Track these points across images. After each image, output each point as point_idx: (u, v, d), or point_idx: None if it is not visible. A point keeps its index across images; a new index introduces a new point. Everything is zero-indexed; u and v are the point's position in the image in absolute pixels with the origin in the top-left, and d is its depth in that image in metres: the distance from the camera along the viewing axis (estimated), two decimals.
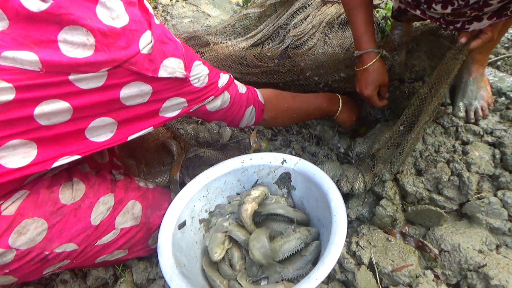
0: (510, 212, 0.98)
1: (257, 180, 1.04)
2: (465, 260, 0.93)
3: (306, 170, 0.95)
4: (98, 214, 0.85)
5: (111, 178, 0.94)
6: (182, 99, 0.81)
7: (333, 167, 1.04)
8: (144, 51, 0.68)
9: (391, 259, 0.94)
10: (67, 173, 0.85)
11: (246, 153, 1.06)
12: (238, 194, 1.05)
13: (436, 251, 0.97)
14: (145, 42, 0.68)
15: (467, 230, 0.99)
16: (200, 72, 0.82)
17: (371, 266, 0.93)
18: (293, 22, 1.40)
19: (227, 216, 0.99)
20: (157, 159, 1.20)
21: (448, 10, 0.85)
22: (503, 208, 0.98)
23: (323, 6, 1.44)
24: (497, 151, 1.11)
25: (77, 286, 1.03)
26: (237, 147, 1.24)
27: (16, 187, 0.74)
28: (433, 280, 0.91)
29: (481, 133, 1.17)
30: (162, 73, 0.72)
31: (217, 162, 1.06)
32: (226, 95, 0.92)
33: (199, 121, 1.32)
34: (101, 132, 0.74)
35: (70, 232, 0.80)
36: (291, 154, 1.17)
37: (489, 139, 1.16)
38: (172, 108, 0.81)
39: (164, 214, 0.93)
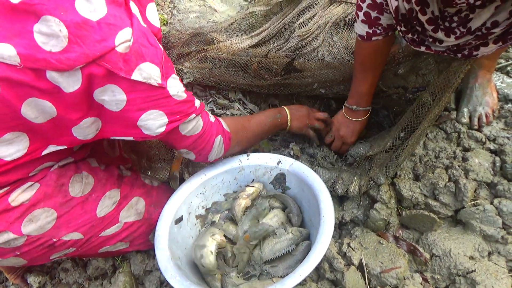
0: (505, 220, 1.06)
1: (253, 179, 1.14)
2: (454, 265, 1.01)
3: (300, 172, 1.05)
4: (103, 207, 0.96)
5: (119, 173, 1.05)
6: (161, 112, 0.81)
7: (329, 169, 1.13)
8: (120, 48, 0.68)
9: (380, 261, 1.03)
10: (75, 166, 0.95)
11: (244, 153, 1.16)
12: (234, 192, 1.16)
13: (427, 256, 1.05)
14: (123, 38, 0.68)
15: (460, 236, 1.07)
16: (177, 86, 0.82)
17: (360, 267, 1.02)
18: (299, 22, 1.49)
19: (222, 213, 1.10)
20: (158, 155, 1.31)
21: (452, 38, 0.91)
22: (498, 216, 1.06)
23: (330, 5, 1.52)
24: (497, 158, 1.17)
25: (77, 275, 1.16)
26: None
27: (23, 177, 0.85)
28: (420, 283, 1.00)
29: (484, 140, 1.24)
30: (136, 76, 0.72)
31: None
32: (200, 120, 0.93)
33: None
34: (87, 132, 0.81)
35: (77, 222, 0.92)
36: (290, 155, 1.27)
37: (491, 146, 1.22)
38: (153, 123, 0.81)
39: None
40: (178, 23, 1.86)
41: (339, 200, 1.20)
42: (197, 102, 0.92)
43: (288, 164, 1.08)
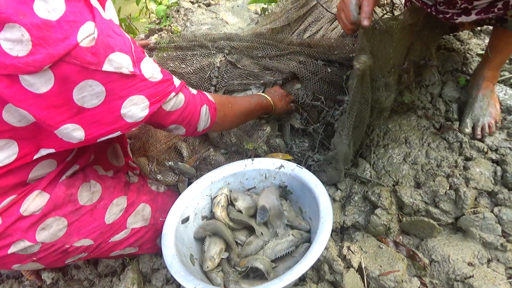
0: (505, 228, 1.09)
1: (256, 183, 1.21)
2: (453, 271, 1.05)
3: (301, 176, 1.11)
4: (111, 214, 1.03)
5: (126, 180, 1.13)
6: (141, 96, 0.84)
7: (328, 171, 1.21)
8: (84, 43, 0.70)
9: (379, 265, 1.07)
10: (83, 174, 1.02)
11: (249, 158, 1.23)
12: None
13: (427, 261, 1.09)
14: (85, 33, 0.70)
15: (459, 243, 1.11)
16: (151, 68, 0.86)
17: (360, 270, 1.07)
18: (305, 36, 1.57)
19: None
20: (168, 160, 1.39)
21: None
22: (497, 224, 1.10)
23: (335, 20, 1.60)
24: (499, 168, 1.22)
25: (88, 271, 1.23)
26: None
27: (20, 181, 0.89)
28: (418, 287, 1.04)
29: (485, 150, 1.28)
30: (107, 67, 0.74)
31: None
32: (180, 95, 0.96)
33: None
34: (70, 136, 0.81)
35: (87, 229, 0.99)
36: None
37: (493, 156, 1.27)
38: (136, 108, 0.84)
39: None
40: (190, 34, 1.96)
41: (341, 206, 1.26)
42: (176, 81, 0.96)
43: (291, 168, 1.15)
